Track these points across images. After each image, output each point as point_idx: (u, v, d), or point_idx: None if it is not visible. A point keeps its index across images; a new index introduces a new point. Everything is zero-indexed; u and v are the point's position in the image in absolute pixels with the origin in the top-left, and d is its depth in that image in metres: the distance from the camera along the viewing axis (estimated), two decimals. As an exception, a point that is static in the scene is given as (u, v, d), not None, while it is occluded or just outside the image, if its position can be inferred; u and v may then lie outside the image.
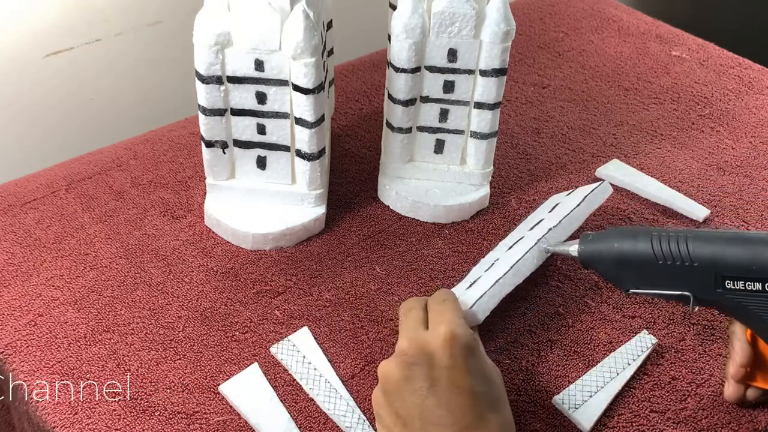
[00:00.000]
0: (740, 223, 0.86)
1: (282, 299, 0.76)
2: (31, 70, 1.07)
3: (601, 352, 0.73)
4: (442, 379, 0.58)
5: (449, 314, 0.62)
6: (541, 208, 0.83)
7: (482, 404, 0.58)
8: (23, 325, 0.72)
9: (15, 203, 0.84)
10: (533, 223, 0.79)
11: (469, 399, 0.58)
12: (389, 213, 0.86)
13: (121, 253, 0.79)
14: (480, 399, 0.58)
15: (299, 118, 0.76)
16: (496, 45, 0.77)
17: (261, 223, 0.80)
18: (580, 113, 1.02)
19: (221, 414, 0.66)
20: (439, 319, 0.62)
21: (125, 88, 1.17)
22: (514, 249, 0.75)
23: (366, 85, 1.04)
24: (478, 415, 0.57)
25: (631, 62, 1.12)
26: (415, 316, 0.64)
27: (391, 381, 0.60)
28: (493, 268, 0.74)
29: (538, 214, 0.81)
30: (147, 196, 0.86)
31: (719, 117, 1.02)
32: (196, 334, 0.72)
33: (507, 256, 0.74)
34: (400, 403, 0.59)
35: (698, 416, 0.68)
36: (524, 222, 0.82)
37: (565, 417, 0.68)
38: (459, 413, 0.57)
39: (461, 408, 0.57)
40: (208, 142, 0.79)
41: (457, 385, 0.58)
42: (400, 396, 0.59)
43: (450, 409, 0.57)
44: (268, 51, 0.73)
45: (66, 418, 0.65)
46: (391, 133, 0.83)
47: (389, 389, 0.60)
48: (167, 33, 1.15)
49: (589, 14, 1.21)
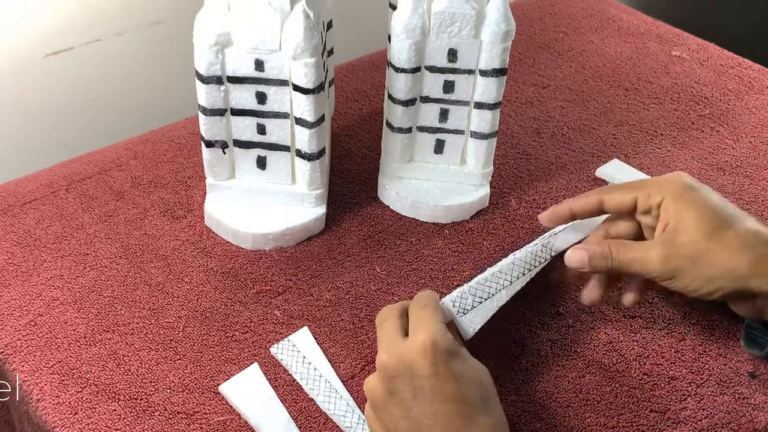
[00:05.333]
0: (740, 223, 0.86)
1: (282, 299, 0.76)
2: (31, 70, 1.07)
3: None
4: (425, 388, 0.58)
5: (428, 320, 0.61)
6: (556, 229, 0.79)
7: (470, 407, 0.57)
8: (23, 325, 0.72)
9: (15, 203, 0.84)
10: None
11: (455, 404, 0.57)
12: (389, 213, 0.86)
13: (121, 253, 0.79)
14: (467, 402, 0.57)
15: (299, 118, 0.76)
16: (496, 45, 0.77)
17: (261, 223, 0.80)
18: (580, 113, 1.02)
19: (221, 414, 0.66)
20: (418, 326, 0.60)
21: (125, 88, 1.17)
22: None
23: (366, 85, 1.04)
24: (467, 418, 0.57)
25: (631, 62, 1.12)
26: (389, 326, 0.62)
27: (377, 397, 0.60)
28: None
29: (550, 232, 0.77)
30: (147, 196, 0.86)
31: (719, 117, 1.02)
32: (196, 334, 0.72)
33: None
34: (388, 418, 0.59)
35: (698, 416, 0.68)
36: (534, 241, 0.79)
37: (565, 417, 0.68)
38: (446, 419, 0.57)
39: (447, 414, 0.57)
40: (208, 142, 0.79)
41: (441, 392, 0.57)
42: (387, 411, 0.59)
43: (436, 417, 0.57)
44: (268, 51, 0.73)
45: (66, 418, 0.65)
46: (391, 133, 0.84)
47: (376, 405, 0.60)
48: (167, 33, 1.15)
49: (589, 14, 1.21)
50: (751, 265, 0.60)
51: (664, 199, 0.64)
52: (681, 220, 0.63)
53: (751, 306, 0.64)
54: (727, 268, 0.60)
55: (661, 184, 0.65)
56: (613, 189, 0.68)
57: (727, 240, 0.61)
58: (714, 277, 0.61)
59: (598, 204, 0.68)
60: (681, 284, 0.63)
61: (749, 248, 0.60)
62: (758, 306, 0.63)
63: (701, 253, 0.61)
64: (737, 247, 0.60)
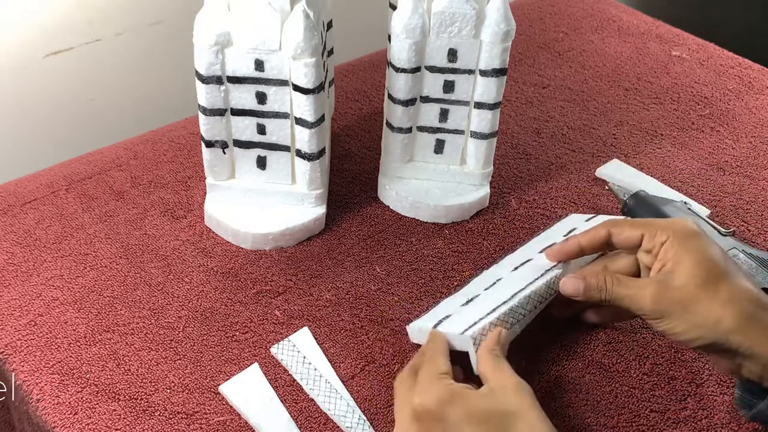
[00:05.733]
0: (740, 223, 0.86)
1: (282, 299, 0.76)
2: (31, 70, 1.07)
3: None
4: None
5: (418, 386, 0.61)
6: (558, 226, 0.80)
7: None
8: (23, 325, 0.72)
9: (15, 203, 0.84)
10: (545, 245, 0.75)
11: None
12: (389, 213, 0.86)
13: (121, 253, 0.79)
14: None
15: (299, 118, 0.76)
16: (496, 45, 0.77)
17: (261, 223, 0.80)
18: (580, 113, 1.02)
19: (221, 414, 0.66)
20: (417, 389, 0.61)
21: (125, 88, 1.17)
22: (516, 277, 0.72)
23: (366, 85, 1.04)
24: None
25: (631, 62, 1.12)
26: (406, 388, 0.63)
27: None
28: (491, 296, 0.71)
29: (552, 235, 0.78)
30: (147, 196, 0.86)
31: (719, 117, 1.02)
32: (196, 334, 0.72)
33: (509, 285, 0.71)
34: None
35: (698, 416, 0.68)
36: (534, 239, 0.79)
37: (564, 417, 0.68)
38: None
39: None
40: (208, 142, 0.79)
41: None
42: None
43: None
44: (268, 51, 0.73)
45: (66, 418, 0.65)
46: (391, 133, 0.84)
47: None
48: (167, 33, 1.15)
49: (589, 14, 1.21)
50: (735, 321, 0.61)
51: (668, 239, 0.65)
52: (678, 263, 0.64)
53: (730, 361, 0.65)
54: (713, 319, 0.62)
55: (668, 226, 0.66)
56: (622, 223, 0.69)
57: (718, 292, 0.62)
58: (699, 325, 0.63)
59: (606, 237, 0.69)
60: (667, 326, 0.64)
61: (737, 303, 0.62)
62: (737, 362, 0.64)
63: (691, 301, 0.63)
64: (726, 301, 0.62)
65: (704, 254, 0.64)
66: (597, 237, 0.69)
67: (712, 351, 0.65)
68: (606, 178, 0.91)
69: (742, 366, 0.64)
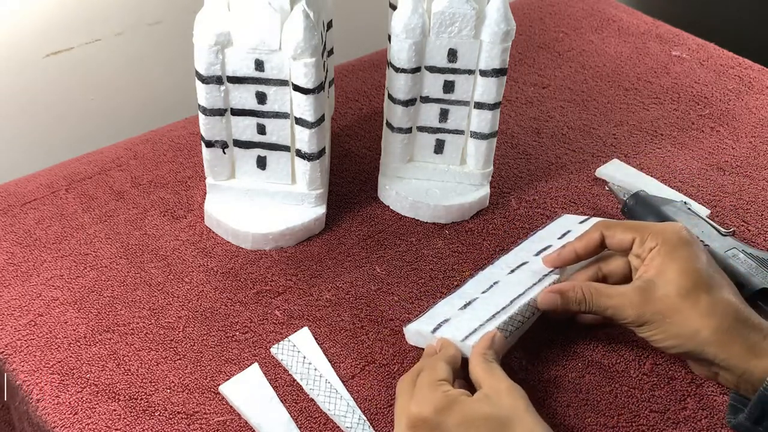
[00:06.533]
0: (740, 223, 0.86)
1: (282, 299, 0.76)
2: (31, 70, 1.07)
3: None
4: None
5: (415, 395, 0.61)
6: (551, 226, 0.80)
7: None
8: (23, 325, 0.72)
9: (15, 203, 0.84)
10: (540, 246, 0.76)
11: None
12: (389, 213, 0.86)
13: (121, 253, 0.79)
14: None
15: (299, 118, 0.76)
16: (496, 45, 0.77)
17: (261, 223, 0.80)
18: (580, 113, 1.02)
19: (221, 414, 0.66)
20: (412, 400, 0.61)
21: (125, 88, 1.17)
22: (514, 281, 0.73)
23: (366, 85, 1.04)
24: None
25: (631, 62, 1.12)
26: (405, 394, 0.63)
27: None
28: (490, 300, 0.71)
29: (547, 236, 0.78)
30: (147, 196, 0.86)
31: (719, 117, 1.02)
32: (196, 334, 0.72)
33: (505, 289, 0.72)
34: None
35: (698, 416, 0.68)
36: (529, 239, 0.79)
37: (564, 417, 0.68)
38: None
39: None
40: (208, 142, 0.79)
41: None
42: None
43: None
44: (268, 51, 0.73)
45: (66, 418, 0.65)
46: (391, 133, 0.84)
47: None
48: (167, 33, 1.15)
49: (589, 14, 1.21)
50: (712, 333, 0.63)
51: (656, 246, 0.67)
52: (663, 272, 0.65)
53: (707, 369, 0.67)
54: (691, 330, 0.63)
55: (659, 232, 0.67)
56: (615, 226, 0.70)
57: (698, 303, 0.63)
58: (678, 335, 0.64)
59: (600, 240, 0.70)
60: (648, 333, 0.66)
61: (715, 316, 0.63)
62: (713, 371, 0.66)
63: (672, 311, 0.64)
64: (705, 313, 0.63)
65: (690, 264, 0.65)
66: (591, 241, 0.70)
67: (689, 358, 0.67)
68: (606, 178, 0.91)
69: (718, 374, 0.66)
